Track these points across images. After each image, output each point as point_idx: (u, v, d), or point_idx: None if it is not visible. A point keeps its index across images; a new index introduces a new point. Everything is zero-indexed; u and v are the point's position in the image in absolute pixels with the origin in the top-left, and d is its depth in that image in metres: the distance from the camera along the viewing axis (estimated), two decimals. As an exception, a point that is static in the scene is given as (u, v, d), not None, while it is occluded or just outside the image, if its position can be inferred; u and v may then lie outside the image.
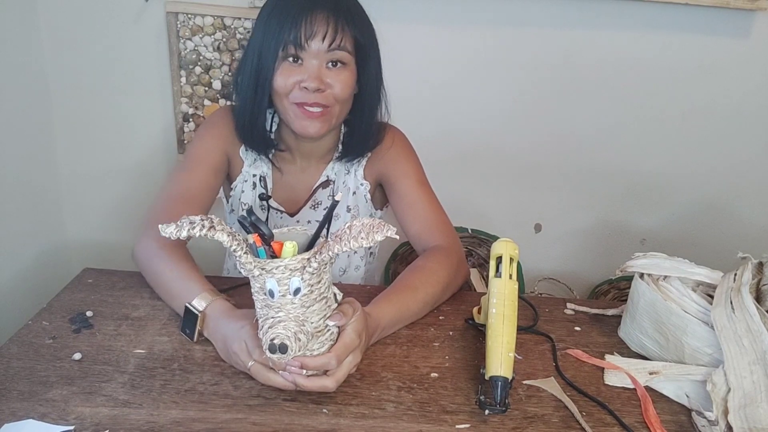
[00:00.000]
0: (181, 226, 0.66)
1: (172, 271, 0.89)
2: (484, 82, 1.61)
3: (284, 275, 0.67)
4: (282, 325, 0.68)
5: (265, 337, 0.68)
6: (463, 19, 1.54)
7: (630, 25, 1.54)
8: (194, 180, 1.02)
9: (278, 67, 0.94)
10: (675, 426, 0.75)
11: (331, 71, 0.95)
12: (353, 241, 0.66)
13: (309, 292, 0.69)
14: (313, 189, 1.12)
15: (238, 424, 0.70)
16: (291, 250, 0.69)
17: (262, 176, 1.10)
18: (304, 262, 0.68)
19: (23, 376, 0.76)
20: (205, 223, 0.66)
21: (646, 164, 1.70)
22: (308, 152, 1.09)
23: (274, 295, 0.68)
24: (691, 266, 0.89)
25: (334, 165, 1.11)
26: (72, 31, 1.53)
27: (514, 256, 0.82)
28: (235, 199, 1.13)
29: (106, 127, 1.64)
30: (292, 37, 0.91)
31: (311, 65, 0.93)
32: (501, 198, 1.75)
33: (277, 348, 0.67)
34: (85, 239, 1.76)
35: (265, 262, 0.67)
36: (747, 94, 1.61)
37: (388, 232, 0.66)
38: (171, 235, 0.65)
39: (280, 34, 0.92)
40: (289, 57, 0.94)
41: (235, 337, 0.76)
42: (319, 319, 0.71)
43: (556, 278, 1.81)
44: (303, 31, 0.91)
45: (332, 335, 0.74)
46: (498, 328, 0.76)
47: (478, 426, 0.72)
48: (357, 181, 1.12)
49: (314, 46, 0.92)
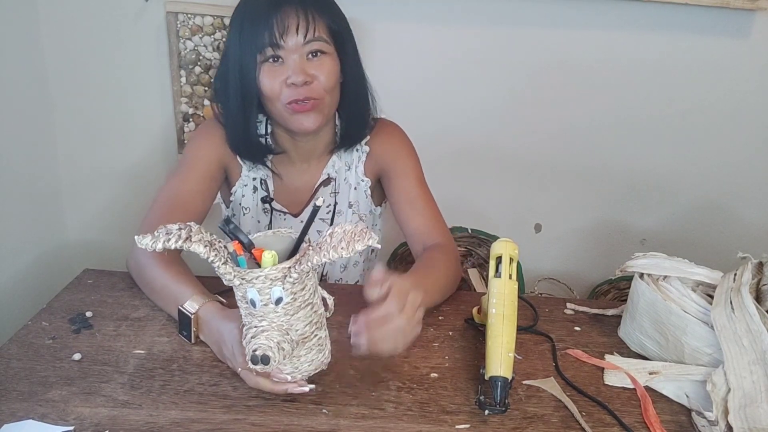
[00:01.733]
0: (157, 237, 0.65)
1: (164, 277, 0.89)
2: (484, 81, 1.61)
3: (265, 285, 0.66)
4: (265, 335, 0.67)
5: (248, 347, 0.67)
6: (464, 18, 1.54)
7: (630, 25, 1.54)
8: (189, 186, 1.01)
9: (260, 72, 0.94)
10: (675, 426, 0.75)
11: (312, 62, 0.94)
12: (332, 251, 0.64)
13: (292, 300, 0.68)
14: (314, 188, 1.11)
15: (238, 424, 0.70)
16: (270, 260, 0.67)
17: (263, 179, 1.10)
18: (285, 271, 0.66)
19: (23, 377, 0.76)
20: (182, 233, 0.65)
21: (646, 164, 1.70)
22: (306, 152, 1.09)
23: (255, 305, 0.67)
24: (691, 266, 0.89)
25: (334, 162, 1.10)
26: (72, 32, 1.53)
27: (513, 256, 0.82)
28: (236, 203, 1.13)
29: (106, 127, 1.64)
30: (267, 39, 0.91)
31: (292, 61, 0.93)
32: (501, 198, 1.75)
33: (259, 359, 0.66)
34: (85, 240, 1.76)
35: (245, 271, 0.66)
36: (747, 94, 1.61)
37: (369, 240, 0.65)
38: (147, 247, 0.64)
39: (255, 38, 0.91)
40: (269, 58, 0.93)
41: (226, 341, 0.77)
42: (305, 326, 0.70)
43: (556, 278, 1.81)
44: (276, 29, 0.91)
45: (319, 340, 0.73)
46: (498, 328, 0.76)
47: (477, 426, 0.72)
48: (358, 177, 1.12)
49: (290, 41, 0.92)
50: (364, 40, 1.51)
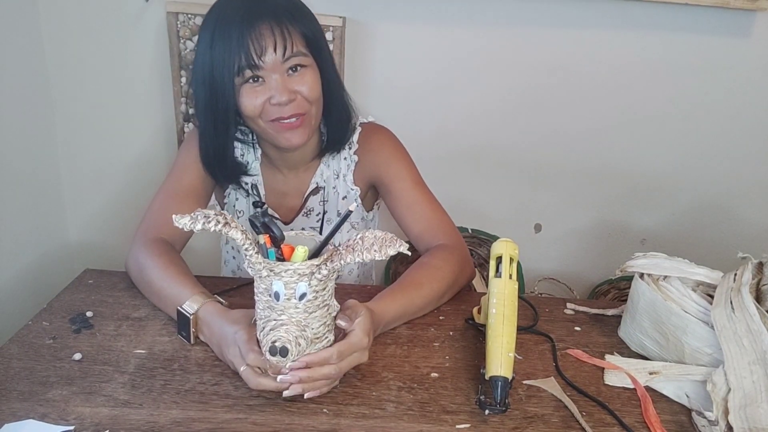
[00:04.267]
0: (195, 218, 0.66)
1: (163, 278, 0.88)
2: (484, 81, 1.61)
3: (292, 279, 0.67)
4: (284, 329, 0.68)
5: (266, 338, 0.68)
6: (464, 18, 1.54)
7: (630, 25, 1.54)
8: (184, 189, 1.01)
9: (240, 93, 0.90)
10: (675, 426, 0.75)
11: (294, 78, 0.91)
12: (366, 253, 0.66)
13: (313, 298, 0.69)
14: (304, 197, 1.10)
15: (239, 424, 0.70)
16: (302, 255, 0.69)
17: (254, 184, 1.08)
18: (313, 267, 0.68)
19: (23, 377, 0.76)
20: (220, 219, 0.66)
21: (646, 164, 1.70)
22: (294, 161, 1.07)
23: (279, 298, 0.68)
24: (691, 266, 0.89)
25: (323, 171, 1.09)
26: (73, 32, 1.53)
27: (514, 256, 0.82)
28: (230, 206, 1.12)
29: (107, 127, 1.64)
30: (245, 60, 0.87)
31: (273, 80, 0.90)
32: (501, 198, 1.75)
33: (278, 351, 0.67)
34: (86, 240, 1.76)
35: (275, 264, 0.67)
36: (747, 94, 1.61)
37: (401, 247, 0.66)
38: (185, 226, 0.65)
39: (230, 59, 0.87)
40: (248, 80, 0.90)
41: (230, 342, 0.76)
42: (319, 326, 0.71)
43: (556, 278, 1.81)
44: (252, 50, 0.87)
45: (328, 342, 0.74)
46: (498, 328, 0.76)
47: (478, 426, 0.72)
48: (347, 186, 1.10)
49: (269, 60, 0.88)
50: (364, 40, 1.52)
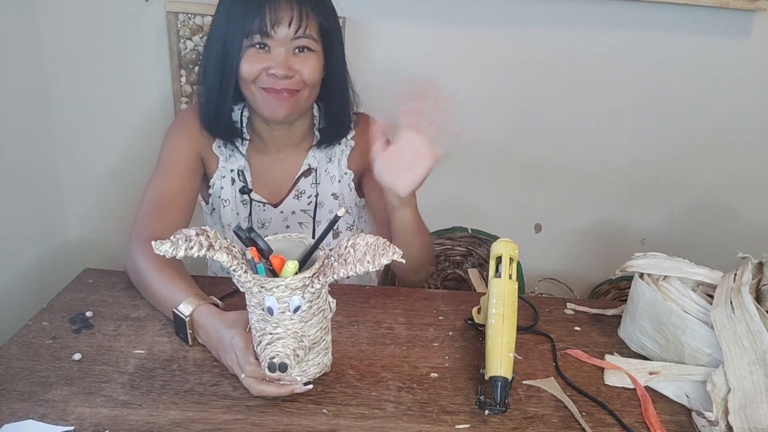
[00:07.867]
0: (176, 243, 0.63)
1: (159, 280, 0.88)
2: (484, 81, 1.61)
3: (284, 294, 0.66)
4: (281, 343, 0.67)
5: (264, 354, 0.67)
6: (464, 18, 1.54)
7: (630, 25, 1.54)
8: (172, 184, 1.01)
9: (244, 55, 0.94)
10: (675, 426, 0.75)
11: (298, 57, 0.95)
12: (359, 265, 0.64)
13: (308, 308, 0.68)
14: (295, 178, 1.11)
15: (238, 424, 0.70)
16: (293, 269, 0.67)
17: (240, 170, 1.09)
18: (306, 281, 0.66)
19: (23, 377, 0.76)
20: (203, 241, 0.64)
21: (646, 164, 1.70)
22: (282, 141, 1.08)
23: (273, 313, 0.67)
24: (691, 266, 0.89)
25: (315, 153, 1.10)
26: (72, 32, 1.53)
27: (513, 256, 0.82)
28: (215, 196, 1.12)
29: (106, 126, 1.64)
30: (257, 25, 0.91)
31: (278, 53, 0.93)
32: (501, 198, 1.75)
33: (277, 367, 0.66)
34: (85, 239, 1.76)
35: (265, 280, 0.66)
36: (747, 94, 1.61)
37: (395, 255, 0.65)
38: (166, 254, 0.63)
39: (244, 22, 0.91)
40: (255, 44, 0.93)
41: (227, 348, 0.76)
42: (316, 332, 0.71)
43: (556, 278, 1.81)
44: (268, 18, 0.90)
45: (326, 344, 0.74)
46: (498, 328, 0.76)
47: (477, 426, 0.72)
48: (341, 170, 1.12)
49: (280, 33, 0.92)
50: (364, 40, 1.52)
